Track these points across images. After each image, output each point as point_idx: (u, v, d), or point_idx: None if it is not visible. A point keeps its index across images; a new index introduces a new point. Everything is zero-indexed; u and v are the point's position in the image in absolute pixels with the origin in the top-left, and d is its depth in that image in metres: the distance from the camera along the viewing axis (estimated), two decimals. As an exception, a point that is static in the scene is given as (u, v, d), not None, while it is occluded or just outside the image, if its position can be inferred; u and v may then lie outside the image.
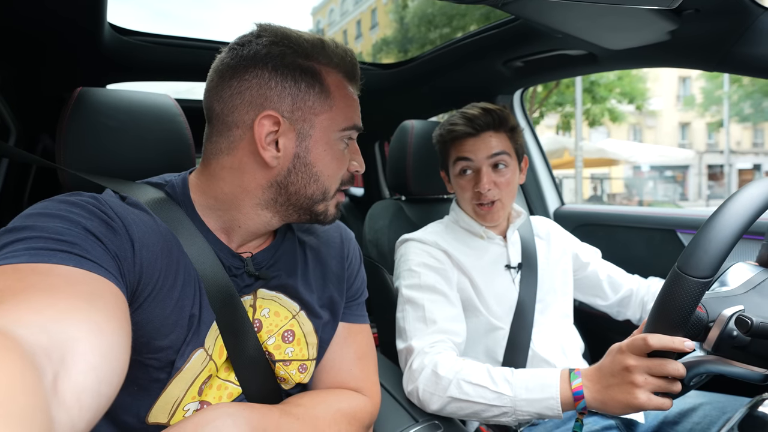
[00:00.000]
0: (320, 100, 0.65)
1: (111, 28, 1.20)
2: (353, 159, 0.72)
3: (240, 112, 0.63)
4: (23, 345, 0.32)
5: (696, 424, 0.94)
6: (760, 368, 0.65)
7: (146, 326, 0.56)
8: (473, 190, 1.09)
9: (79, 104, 0.80)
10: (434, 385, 0.87)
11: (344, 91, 0.68)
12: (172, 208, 0.65)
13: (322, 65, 0.65)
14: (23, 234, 0.47)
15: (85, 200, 0.56)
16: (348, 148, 0.70)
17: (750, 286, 0.72)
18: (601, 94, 11.75)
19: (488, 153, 1.07)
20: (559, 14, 0.97)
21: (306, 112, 0.64)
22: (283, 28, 0.65)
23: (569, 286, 1.22)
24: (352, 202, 2.96)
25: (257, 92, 0.62)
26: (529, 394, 0.80)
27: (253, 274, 0.69)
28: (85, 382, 0.35)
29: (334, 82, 0.66)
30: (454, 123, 1.10)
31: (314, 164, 0.66)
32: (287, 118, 0.63)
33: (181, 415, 0.61)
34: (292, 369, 0.71)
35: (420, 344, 0.95)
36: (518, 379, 0.83)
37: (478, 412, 0.84)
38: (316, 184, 0.67)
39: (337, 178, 0.69)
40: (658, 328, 0.67)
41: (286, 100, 0.63)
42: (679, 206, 17.39)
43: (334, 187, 0.69)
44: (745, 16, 0.92)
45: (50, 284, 0.42)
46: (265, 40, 0.63)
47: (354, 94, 0.70)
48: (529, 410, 0.80)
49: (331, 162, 0.67)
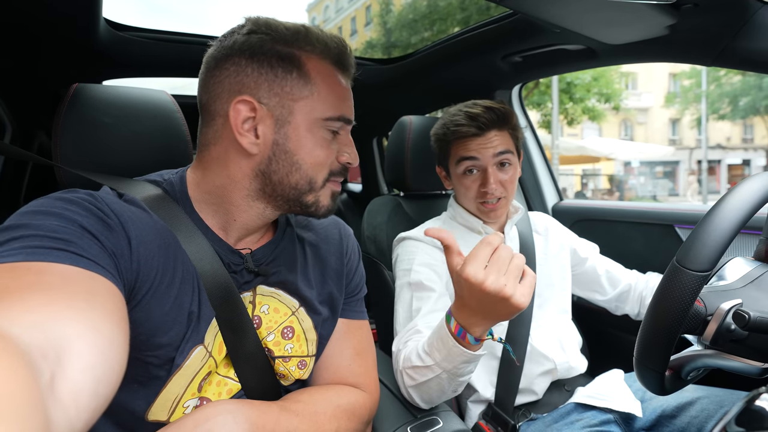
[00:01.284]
0: (299, 86, 0.63)
1: (106, 24, 1.19)
2: (345, 150, 0.69)
3: (221, 100, 0.63)
4: (19, 345, 0.31)
5: (694, 417, 0.94)
6: (757, 362, 0.65)
7: (145, 324, 0.56)
8: (479, 190, 1.09)
9: (75, 101, 0.80)
10: (402, 382, 0.89)
11: (330, 79, 0.65)
12: (169, 205, 0.65)
13: (304, 51, 0.63)
14: (19, 232, 0.47)
15: (82, 197, 0.55)
16: (337, 138, 0.68)
17: (748, 280, 0.72)
18: (579, 94, 11.99)
19: (494, 152, 1.07)
20: (557, 9, 0.96)
21: (283, 97, 0.63)
22: (268, 19, 0.65)
23: (567, 281, 1.22)
24: (350, 198, 2.96)
25: (234, 79, 0.62)
26: (440, 353, 0.79)
27: (253, 270, 0.69)
28: (82, 381, 0.35)
29: (316, 68, 0.64)
30: (458, 123, 1.08)
31: (295, 152, 0.64)
32: (264, 104, 0.62)
33: (181, 412, 0.61)
34: (291, 365, 0.71)
35: (397, 343, 0.96)
36: (428, 345, 0.82)
37: (438, 388, 0.83)
38: (299, 173, 0.65)
39: (322, 167, 0.66)
40: (656, 321, 0.67)
41: (262, 85, 0.62)
42: (658, 201, 17.67)
43: (321, 176, 0.67)
44: (743, 11, 0.92)
45: (46, 283, 0.42)
46: (246, 29, 0.63)
47: (343, 83, 0.68)
48: (455, 364, 0.78)
49: (313, 150, 0.65)
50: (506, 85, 1.69)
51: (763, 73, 1.05)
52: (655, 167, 23.88)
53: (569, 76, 11.37)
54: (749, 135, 25.16)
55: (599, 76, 11.92)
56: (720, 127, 23.01)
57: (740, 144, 25.19)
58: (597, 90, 12.20)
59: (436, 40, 1.59)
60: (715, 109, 16.59)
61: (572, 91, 11.91)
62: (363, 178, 2.73)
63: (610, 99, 12.45)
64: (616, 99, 12.55)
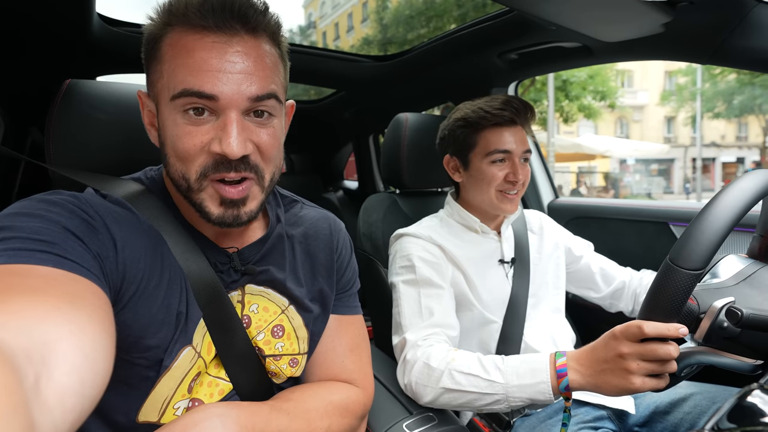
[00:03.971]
0: (155, 69, 0.58)
1: (100, 19, 1.18)
2: (217, 136, 0.55)
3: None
4: (2, 347, 0.31)
5: (687, 413, 0.95)
6: (749, 359, 0.66)
7: (133, 325, 0.56)
8: (505, 179, 1.09)
9: (68, 97, 0.79)
10: (427, 377, 0.87)
11: (179, 50, 0.54)
12: (154, 203, 0.64)
13: (166, 28, 0.56)
14: (1, 234, 0.46)
15: (65, 199, 0.54)
16: (211, 121, 0.56)
17: (740, 278, 0.72)
18: (574, 92, 12.07)
19: (524, 148, 1.09)
20: (553, 6, 0.96)
21: (152, 85, 0.60)
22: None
23: (562, 280, 1.22)
24: (346, 196, 2.96)
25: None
26: (520, 380, 0.80)
27: (239, 269, 0.68)
28: (67, 383, 0.35)
29: (169, 43, 0.55)
30: (498, 108, 1.07)
31: (165, 143, 0.58)
32: (150, 96, 0.61)
33: (172, 413, 0.60)
34: (282, 363, 0.71)
35: (414, 337, 0.95)
36: (509, 366, 0.83)
37: (471, 401, 0.84)
38: (170, 167, 0.59)
39: (188, 160, 0.56)
40: (650, 319, 0.67)
41: (147, 78, 0.61)
42: (653, 199, 17.83)
43: (193, 171, 0.57)
44: (738, 9, 0.92)
45: (30, 285, 0.41)
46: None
47: (199, 48, 0.54)
48: (521, 396, 0.80)
49: (175, 139, 0.56)
50: (502, 82, 1.68)
51: (758, 71, 1.06)
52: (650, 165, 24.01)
53: (565, 73, 11.42)
54: (744, 133, 25.31)
55: (595, 74, 11.98)
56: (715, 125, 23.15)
57: (735, 142, 25.34)
58: (593, 88, 12.27)
59: (432, 37, 1.59)
60: (710, 107, 16.74)
61: (568, 89, 11.97)
62: (359, 175, 2.73)
63: (605, 97, 12.53)
64: (612, 97, 12.63)
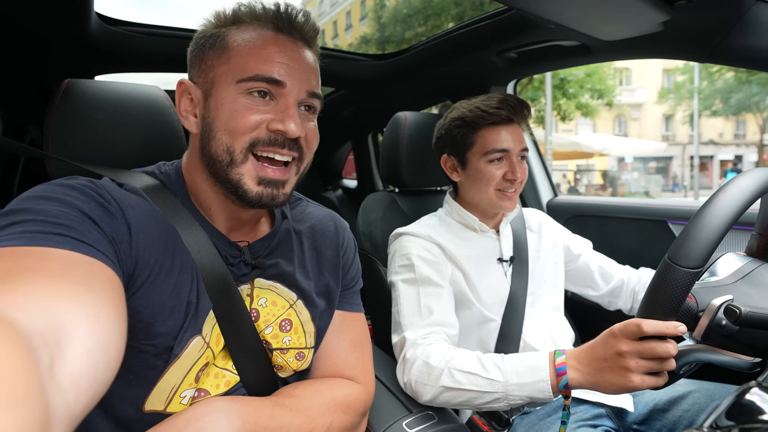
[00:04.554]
0: (217, 56, 0.64)
1: (98, 18, 1.18)
2: (280, 117, 0.63)
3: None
4: (19, 329, 0.31)
5: (685, 411, 0.95)
6: (747, 357, 0.66)
7: (144, 311, 0.56)
8: (503, 177, 1.09)
9: (66, 96, 0.79)
10: (426, 375, 0.88)
11: (252, 43, 0.63)
12: (167, 196, 0.65)
13: (232, 27, 0.65)
14: (20, 217, 0.47)
15: (82, 184, 0.56)
16: (271, 104, 0.63)
17: (739, 276, 0.73)
18: (572, 90, 12.12)
19: (521, 146, 1.09)
20: (552, 5, 0.96)
21: (207, 72, 0.65)
22: (233, 7, 0.67)
23: (560, 278, 1.22)
24: (345, 194, 2.96)
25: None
26: (519, 378, 0.81)
27: (250, 263, 0.69)
28: (81, 366, 0.35)
29: (238, 36, 0.64)
30: (495, 107, 1.07)
31: (214, 121, 0.63)
32: (196, 83, 0.66)
33: (178, 402, 0.61)
34: (289, 357, 0.72)
35: (413, 336, 0.95)
36: (508, 364, 0.83)
37: (471, 400, 0.85)
38: (217, 141, 0.63)
39: (240, 133, 0.62)
40: (648, 317, 0.67)
41: (194, 67, 0.67)
42: (651, 197, 17.87)
43: (240, 144, 0.62)
44: (737, 7, 0.92)
45: (46, 268, 0.42)
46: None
47: (271, 42, 0.63)
48: (520, 394, 0.81)
49: (231, 116, 0.62)
50: (501, 81, 1.69)
51: (756, 70, 1.06)
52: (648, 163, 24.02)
53: (563, 72, 11.45)
54: (741, 131, 25.33)
55: (593, 72, 12.02)
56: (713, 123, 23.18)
57: (732, 140, 25.37)
58: (590, 86, 12.31)
59: (430, 35, 1.59)
60: (708, 105, 16.76)
61: (566, 87, 12.02)
62: (358, 174, 2.73)
63: (603, 95, 12.55)
64: (610, 95, 12.65)
